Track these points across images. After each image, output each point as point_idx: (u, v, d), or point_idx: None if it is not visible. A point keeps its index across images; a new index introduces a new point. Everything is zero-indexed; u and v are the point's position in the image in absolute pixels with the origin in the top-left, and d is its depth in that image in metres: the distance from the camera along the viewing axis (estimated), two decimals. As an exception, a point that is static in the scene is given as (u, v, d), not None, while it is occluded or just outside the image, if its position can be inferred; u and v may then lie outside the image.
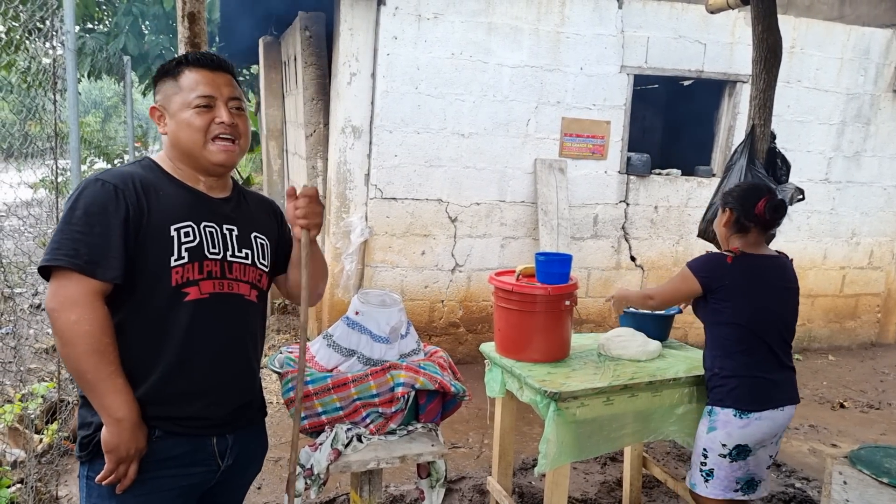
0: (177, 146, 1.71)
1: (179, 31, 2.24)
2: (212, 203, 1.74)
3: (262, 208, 1.91)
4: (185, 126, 1.68)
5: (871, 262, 6.73)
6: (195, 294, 1.64)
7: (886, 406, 5.25)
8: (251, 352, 1.80)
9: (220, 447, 1.71)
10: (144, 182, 1.64)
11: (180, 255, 1.62)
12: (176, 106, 1.69)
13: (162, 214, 1.63)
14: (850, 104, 6.27)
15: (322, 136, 5.72)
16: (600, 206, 5.85)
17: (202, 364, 1.66)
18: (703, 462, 2.62)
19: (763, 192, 2.66)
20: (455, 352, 5.60)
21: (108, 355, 1.54)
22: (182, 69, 1.70)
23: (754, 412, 2.53)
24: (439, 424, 2.32)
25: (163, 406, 1.63)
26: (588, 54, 5.54)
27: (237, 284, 1.73)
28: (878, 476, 2.10)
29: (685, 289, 2.67)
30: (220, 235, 1.70)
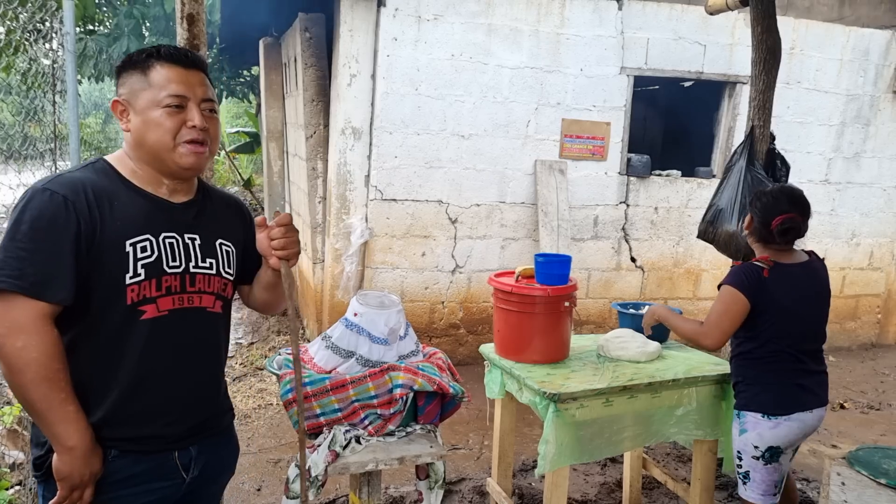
0: (141, 146, 1.57)
1: (178, 33, 2.24)
2: (173, 210, 1.61)
3: (229, 209, 1.79)
4: (154, 126, 1.54)
5: (871, 263, 6.73)
6: (152, 312, 1.54)
7: (886, 407, 5.24)
8: (213, 365, 1.72)
9: (183, 460, 1.63)
10: (97, 190, 1.51)
11: (136, 272, 1.51)
12: (143, 103, 1.55)
13: (116, 227, 1.50)
14: (849, 105, 6.27)
15: (322, 138, 5.72)
16: (600, 207, 5.85)
17: (160, 384, 1.57)
18: (739, 465, 2.63)
19: (785, 206, 2.54)
20: (455, 353, 5.60)
21: (59, 382, 1.43)
22: (152, 63, 1.56)
23: (783, 415, 2.51)
24: (438, 426, 2.32)
25: (118, 428, 1.54)
26: (588, 55, 5.54)
27: (200, 297, 1.63)
28: (876, 477, 2.10)
29: (737, 310, 2.52)
30: (181, 246, 1.60)
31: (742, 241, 3.50)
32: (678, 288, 6.17)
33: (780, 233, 2.52)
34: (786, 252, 2.61)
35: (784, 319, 2.52)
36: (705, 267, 6.20)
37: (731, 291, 2.53)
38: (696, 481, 2.99)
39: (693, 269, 6.19)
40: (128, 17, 7.81)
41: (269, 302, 1.87)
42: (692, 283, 6.21)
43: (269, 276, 1.79)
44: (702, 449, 2.94)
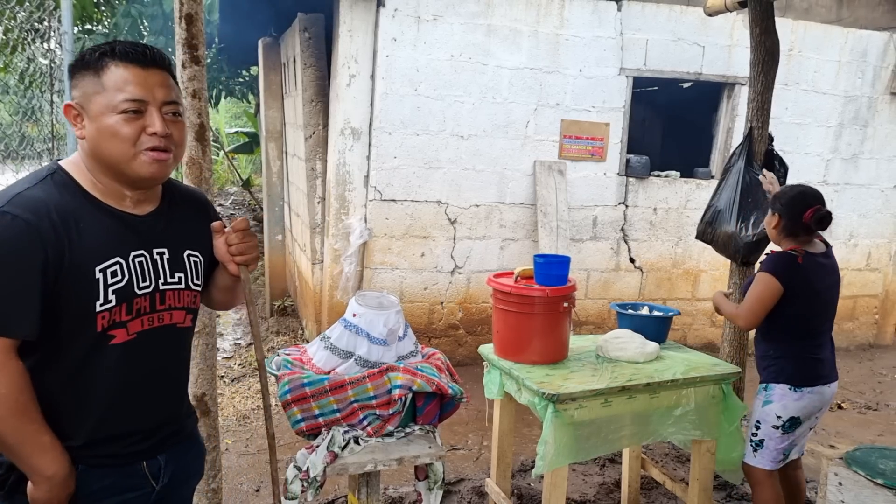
0: (97, 157, 1.44)
1: (176, 33, 2.24)
2: (140, 225, 1.51)
3: (195, 212, 1.69)
4: (109, 135, 1.41)
5: (869, 264, 6.74)
6: (122, 336, 1.47)
7: (884, 407, 5.25)
8: (182, 378, 1.71)
9: (152, 469, 1.59)
10: (62, 211, 1.39)
11: (107, 299, 1.42)
12: (98, 108, 1.41)
13: (85, 252, 1.40)
14: (847, 106, 6.28)
15: (321, 138, 5.72)
16: (599, 207, 5.85)
17: (131, 406, 1.53)
18: (755, 433, 2.86)
19: (810, 200, 2.82)
20: (454, 353, 5.60)
21: (29, 414, 1.37)
22: (106, 63, 1.41)
23: (806, 387, 2.78)
24: (437, 426, 2.32)
25: (90, 448, 1.49)
26: (587, 56, 5.54)
27: (170, 314, 1.56)
28: (873, 477, 2.10)
29: (770, 294, 2.76)
30: (149, 263, 1.51)
31: (741, 241, 3.51)
32: (677, 288, 6.18)
33: (816, 222, 2.78)
34: (810, 243, 2.88)
35: (813, 301, 2.80)
36: (704, 268, 6.21)
37: (767, 277, 2.77)
38: (695, 481, 2.99)
39: (692, 269, 6.19)
40: (125, 16, 7.79)
41: (225, 302, 1.83)
42: (691, 283, 6.22)
43: (225, 280, 1.73)
44: (700, 449, 2.95)
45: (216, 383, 2.55)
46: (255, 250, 1.66)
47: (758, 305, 2.78)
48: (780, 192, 2.97)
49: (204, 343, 2.45)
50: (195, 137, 2.30)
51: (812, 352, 2.83)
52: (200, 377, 2.45)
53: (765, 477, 2.86)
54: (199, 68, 2.28)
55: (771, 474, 2.86)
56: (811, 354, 2.83)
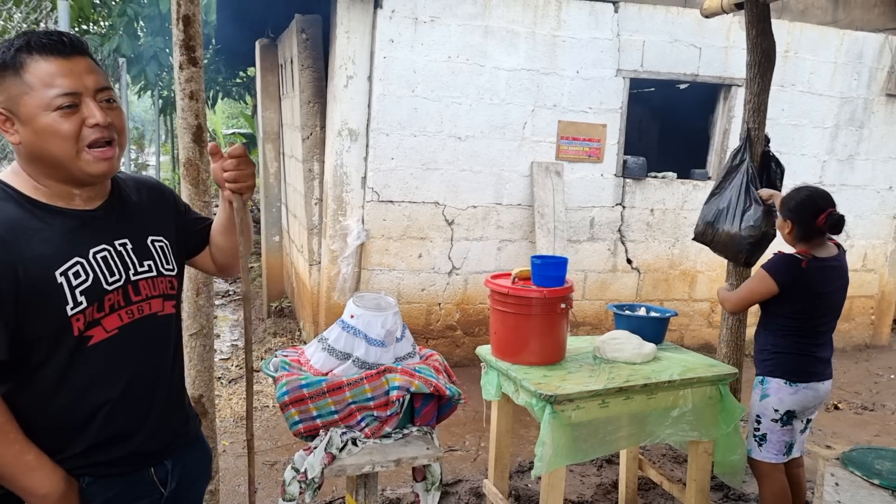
0: (39, 160, 1.36)
1: (174, 35, 2.24)
2: (93, 221, 1.44)
3: (149, 198, 1.62)
4: (50, 135, 1.32)
5: (865, 265, 6.76)
6: (100, 335, 1.41)
7: (880, 407, 5.26)
8: (174, 370, 1.63)
9: (160, 475, 1.56)
10: (7, 224, 1.31)
11: (77, 302, 1.36)
12: (30, 109, 1.31)
13: (40, 261, 1.32)
14: (843, 108, 6.30)
15: (319, 139, 5.72)
16: (596, 209, 5.86)
17: (127, 404, 1.47)
18: (757, 427, 2.95)
19: (821, 204, 2.87)
20: (452, 355, 5.60)
21: (8, 435, 1.31)
22: (24, 59, 1.31)
23: (802, 382, 2.87)
24: (435, 428, 2.32)
25: (90, 456, 1.44)
26: (584, 58, 5.55)
27: (147, 304, 1.50)
28: (870, 477, 2.11)
29: (762, 290, 2.88)
30: (114, 256, 1.44)
31: (744, 242, 3.52)
32: (674, 289, 6.19)
33: (830, 226, 2.83)
34: (822, 245, 2.91)
35: (816, 303, 2.86)
36: (701, 269, 6.22)
37: (763, 276, 2.86)
38: (692, 482, 3.00)
39: (689, 270, 6.21)
40: (121, 15, 7.77)
41: (228, 251, 1.73)
42: (688, 284, 6.23)
43: (221, 219, 1.67)
44: (697, 450, 2.96)
45: (213, 385, 2.55)
46: (251, 179, 1.60)
47: (746, 297, 2.96)
48: (789, 198, 2.97)
49: (201, 344, 2.44)
50: (192, 139, 2.30)
51: (811, 350, 2.90)
52: (198, 379, 2.45)
53: (771, 469, 2.93)
54: (196, 70, 2.28)
55: (776, 467, 2.93)
56: (809, 352, 2.89)
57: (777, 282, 2.82)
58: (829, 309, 2.92)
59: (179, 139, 2.32)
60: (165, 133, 15.43)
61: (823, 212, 2.84)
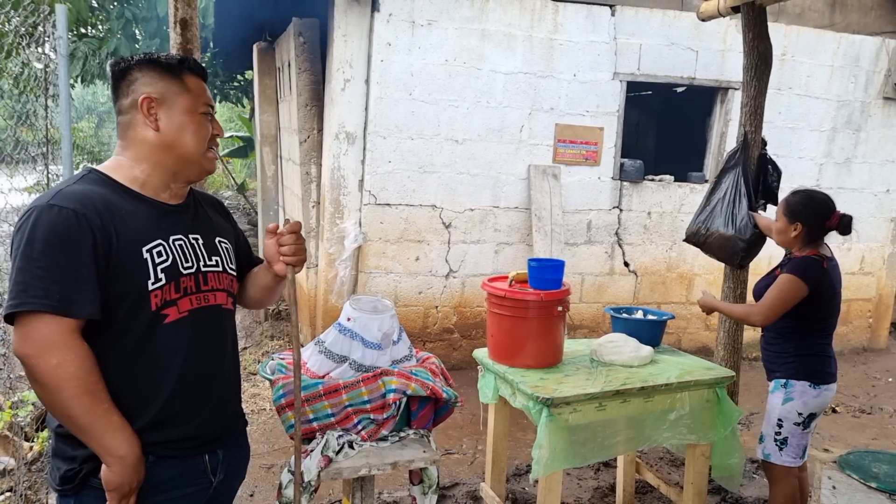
0: (172, 149, 1.60)
1: (171, 37, 2.24)
2: (174, 213, 1.63)
3: (215, 209, 1.83)
4: (195, 130, 1.61)
5: (863, 268, 6.77)
6: (174, 315, 1.55)
7: (878, 411, 5.27)
8: (233, 361, 1.76)
9: (212, 463, 1.65)
10: (104, 201, 1.50)
11: (157, 278, 1.52)
12: (182, 105, 1.60)
13: (130, 236, 1.50)
14: (840, 111, 6.32)
15: (316, 142, 5.72)
16: (594, 211, 5.87)
17: (191, 384, 1.59)
18: (778, 432, 2.90)
19: (831, 205, 2.90)
20: (449, 357, 5.60)
21: (99, 394, 1.43)
22: (184, 71, 1.62)
23: (824, 384, 2.87)
24: (431, 430, 2.32)
25: (156, 433, 1.54)
26: (581, 61, 5.56)
27: (213, 295, 1.65)
28: (867, 481, 2.11)
29: (796, 295, 2.82)
30: (189, 247, 1.62)
31: (738, 245, 3.52)
32: (671, 292, 6.19)
33: (842, 228, 2.86)
34: (824, 247, 2.94)
35: (833, 302, 2.90)
36: (698, 272, 6.23)
37: (794, 280, 2.81)
38: (689, 485, 3.00)
39: (686, 273, 6.21)
40: (118, 18, 7.78)
41: (262, 301, 1.92)
42: (685, 287, 6.23)
43: (268, 280, 1.83)
44: (694, 453, 2.95)
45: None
46: (304, 253, 1.76)
47: (780, 304, 2.83)
48: (792, 201, 2.95)
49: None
50: (189, 142, 2.30)
51: (827, 350, 2.94)
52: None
53: (787, 473, 2.92)
54: (193, 73, 2.28)
55: (791, 471, 2.92)
56: (827, 353, 2.93)
57: (808, 284, 2.80)
58: (836, 308, 2.96)
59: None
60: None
61: (833, 213, 2.86)
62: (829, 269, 2.87)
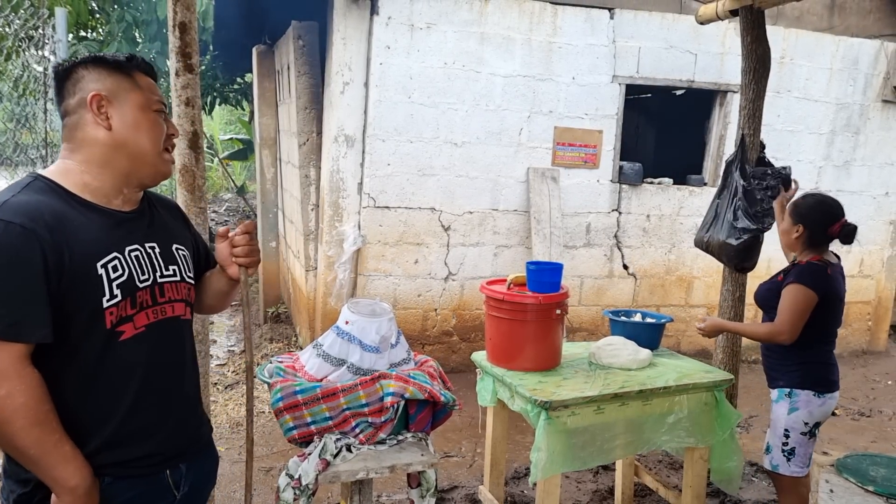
0: (124, 149, 1.48)
1: (170, 41, 2.25)
2: (128, 221, 1.52)
3: (171, 213, 1.73)
4: (148, 128, 1.50)
5: (862, 271, 6.77)
6: (130, 331, 1.47)
7: (877, 414, 5.26)
8: (193, 372, 1.68)
9: (175, 478, 1.58)
10: (53, 213, 1.38)
11: (112, 294, 1.42)
12: (133, 102, 1.49)
13: (83, 250, 1.40)
14: (839, 114, 6.32)
15: (315, 145, 5.72)
16: (593, 214, 5.87)
17: (150, 401, 1.51)
18: (786, 442, 2.86)
19: (837, 213, 2.85)
20: (448, 360, 5.60)
21: (50, 424, 1.35)
22: (133, 69, 1.53)
23: (828, 392, 2.83)
24: (429, 434, 2.32)
25: (114, 451, 1.47)
26: (580, 64, 5.57)
27: (171, 306, 1.57)
28: (864, 484, 2.11)
29: (807, 306, 2.76)
30: (145, 257, 1.52)
31: (732, 249, 3.53)
32: (670, 295, 6.19)
33: (844, 235, 2.81)
34: (827, 254, 2.90)
35: (838, 309, 2.86)
36: (697, 274, 6.23)
37: (803, 290, 2.76)
38: (688, 489, 3.00)
39: (685, 276, 6.21)
40: (119, 21, 7.79)
41: (215, 307, 1.88)
42: (684, 290, 6.23)
43: (221, 285, 1.77)
44: (693, 456, 2.95)
45: (209, 390, 2.54)
46: (258, 254, 1.71)
47: (797, 318, 2.75)
48: (801, 203, 2.91)
49: (197, 350, 2.44)
50: (188, 145, 2.31)
51: (830, 357, 2.90)
52: (192, 385, 2.44)
53: (796, 483, 2.88)
54: (192, 76, 2.29)
55: (800, 480, 2.87)
56: (830, 360, 2.89)
57: (816, 292, 2.75)
58: (840, 315, 2.92)
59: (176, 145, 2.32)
60: (163, 139, 15.44)
61: (838, 220, 2.82)
62: (834, 275, 2.82)
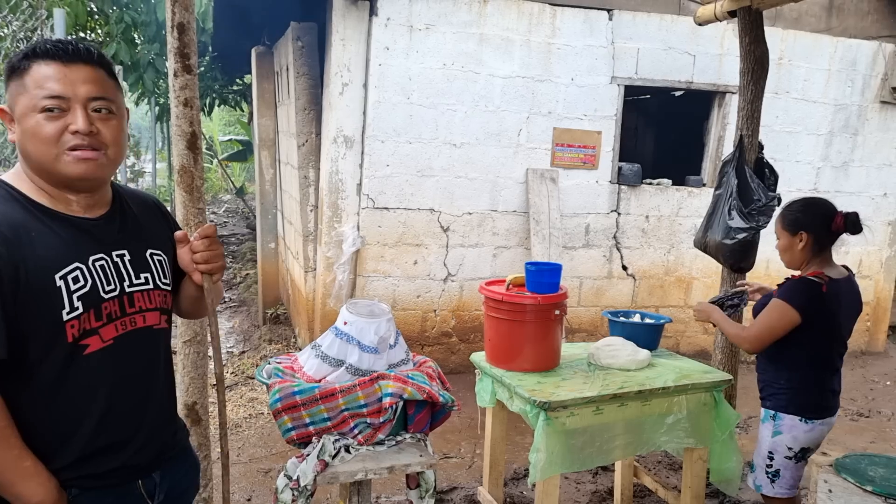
0: (27, 159, 1.39)
1: (169, 42, 2.25)
2: (94, 229, 1.45)
3: (148, 212, 1.63)
4: (31, 135, 1.35)
5: (860, 272, 6.77)
6: (96, 344, 1.40)
7: (876, 414, 5.27)
8: (166, 381, 1.62)
9: (148, 487, 1.54)
10: (10, 224, 1.33)
11: (73, 307, 1.36)
12: (21, 109, 1.36)
13: (41, 263, 1.33)
14: (837, 115, 6.33)
15: (314, 146, 5.72)
16: (592, 215, 5.87)
17: (119, 415, 1.46)
18: (769, 464, 2.74)
19: (831, 207, 2.71)
20: (447, 361, 5.60)
21: (9, 439, 1.31)
22: (30, 63, 1.36)
23: (818, 419, 2.68)
24: (428, 434, 2.32)
25: (80, 467, 1.42)
26: (579, 65, 5.57)
27: (142, 316, 1.50)
28: (862, 484, 2.11)
29: (784, 324, 2.60)
30: (111, 266, 1.44)
31: (728, 248, 3.53)
32: (669, 296, 6.19)
33: (851, 225, 2.63)
34: (832, 265, 2.71)
35: (834, 331, 2.68)
36: (696, 275, 6.23)
37: (783, 308, 2.60)
38: (687, 489, 2.99)
39: (684, 277, 6.22)
40: (118, 22, 7.79)
41: (192, 313, 1.80)
42: (683, 290, 6.24)
43: (192, 290, 1.68)
44: (692, 457, 2.95)
45: (207, 392, 2.54)
46: (221, 259, 1.59)
47: (768, 334, 2.63)
48: (789, 213, 2.75)
49: (195, 351, 2.44)
50: (187, 146, 2.31)
51: (825, 383, 2.69)
52: (192, 386, 2.44)
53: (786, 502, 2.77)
54: (190, 77, 2.29)
55: (790, 500, 2.77)
56: (825, 386, 2.69)
57: (799, 310, 2.57)
58: (844, 335, 2.71)
59: (174, 146, 2.33)
60: (162, 140, 15.47)
61: (836, 213, 2.65)
62: (832, 293, 2.59)
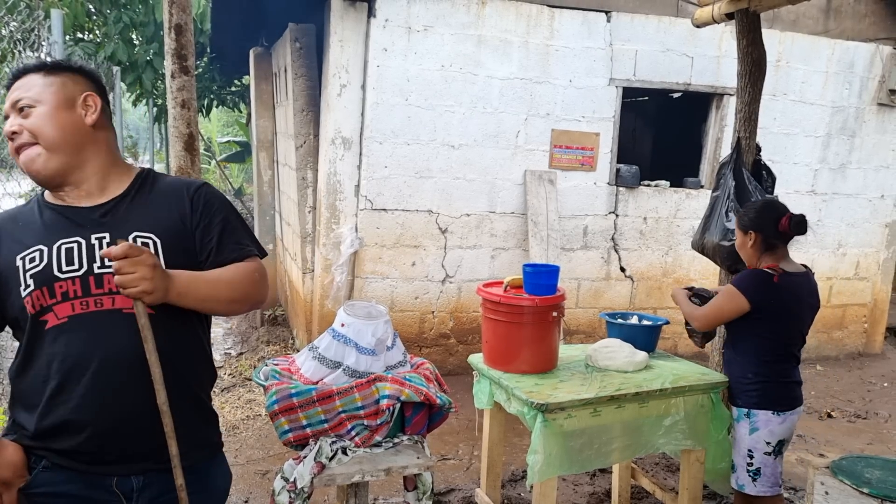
0: None
1: (166, 43, 2.25)
2: (77, 216, 1.58)
3: (166, 197, 1.63)
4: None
5: (858, 273, 6.78)
6: (52, 321, 1.51)
7: (873, 416, 5.27)
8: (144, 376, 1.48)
9: (123, 488, 1.55)
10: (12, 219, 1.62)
11: (27, 284, 1.51)
12: None
13: (11, 247, 1.56)
14: (835, 117, 6.34)
15: (312, 148, 5.72)
16: (590, 217, 5.87)
17: (75, 393, 1.50)
18: (750, 462, 2.78)
19: (781, 209, 2.79)
20: (445, 363, 5.59)
21: None
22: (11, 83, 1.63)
23: (788, 410, 2.76)
24: (426, 436, 2.32)
25: (44, 439, 1.53)
26: (577, 67, 5.58)
27: (111, 298, 1.51)
28: (859, 486, 2.11)
29: (732, 307, 2.74)
30: (84, 249, 1.53)
31: (724, 250, 3.53)
32: (667, 298, 6.19)
33: (795, 226, 2.72)
34: (788, 260, 2.80)
35: (790, 323, 2.77)
36: (694, 277, 6.23)
37: (733, 292, 2.73)
38: (684, 491, 2.99)
39: (682, 278, 6.22)
40: (116, 23, 7.79)
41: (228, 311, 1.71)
42: (681, 292, 6.23)
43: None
44: (689, 459, 2.95)
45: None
46: (142, 282, 1.41)
47: (715, 315, 2.81)
48: (743, 213, 2.89)
49: (192, 353, 2.43)
50: (184, 147, 2.31)
51: (791, 375, 2.80)
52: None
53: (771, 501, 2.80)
54: (188, 78, 2.29)
55: (775, 499, 2.80)
56: (791, 377, 2.80)
57: (748, 298, 2.68)
58: (802, 329, 2.83)
59: (171, 147, 2.33)
60: (160, 141, 15.46)
61: (783, 215, 2.75)
62: (785, 284, 2.69)
